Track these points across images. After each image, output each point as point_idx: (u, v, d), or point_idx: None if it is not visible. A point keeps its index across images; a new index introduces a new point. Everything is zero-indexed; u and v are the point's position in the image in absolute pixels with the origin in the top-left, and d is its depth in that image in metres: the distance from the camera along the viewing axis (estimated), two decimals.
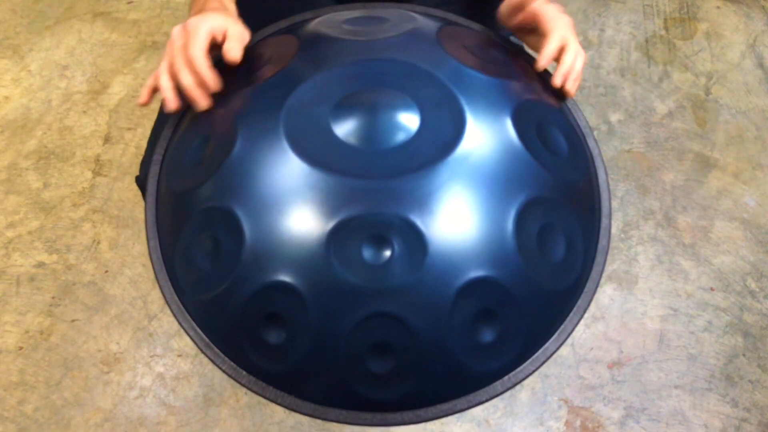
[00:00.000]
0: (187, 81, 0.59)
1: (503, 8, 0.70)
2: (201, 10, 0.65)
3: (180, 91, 0.60)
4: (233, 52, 0.60)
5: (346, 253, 0.50)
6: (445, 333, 0.51)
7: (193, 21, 0.60)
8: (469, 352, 0.53)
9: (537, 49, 0.68)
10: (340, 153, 0.53)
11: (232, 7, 0.69)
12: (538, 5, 0.65)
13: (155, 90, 0.62)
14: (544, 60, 0.63)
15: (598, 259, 0.61)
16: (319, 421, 1.11)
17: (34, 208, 1.38)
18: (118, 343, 1.20)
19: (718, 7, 1.73)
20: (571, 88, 0.64)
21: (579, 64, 0.64)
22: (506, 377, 0.57)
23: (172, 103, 0.60)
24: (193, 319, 0.58)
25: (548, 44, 0.63)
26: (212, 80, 0.59)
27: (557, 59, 0.64)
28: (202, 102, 0.59)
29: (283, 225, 0.51)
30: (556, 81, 0.63)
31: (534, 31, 0.67)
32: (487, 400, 0.57)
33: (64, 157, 1.45)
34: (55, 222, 1.35)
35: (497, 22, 0.90)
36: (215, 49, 0.62)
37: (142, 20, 1.71)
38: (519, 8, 0.67)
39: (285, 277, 0.51)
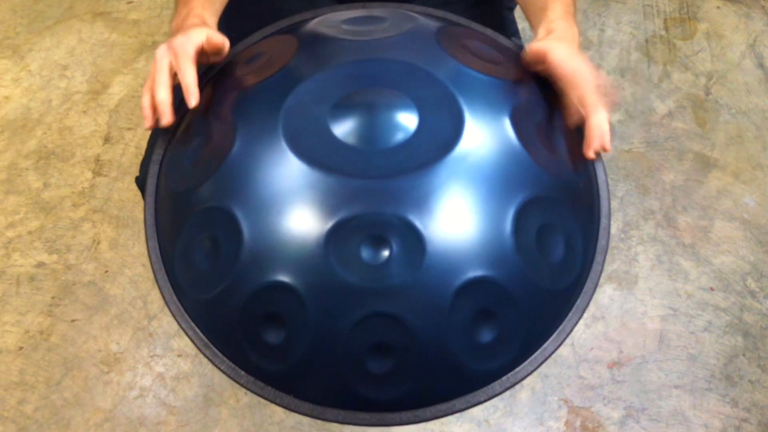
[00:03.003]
0: (162, 96, 0.59)
1: (527, 53, 0.64)
2: (180, 26, 0.65)
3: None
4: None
5: (345, 253, 0.50)
6: (444, 333, 0.51)
7: (177, 41, 0.60)
8: (468, 352, 0.53)
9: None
10: (338, 153, 0.53)
11: (213, 24, 0.68)
12: (557, 57, 0.59)
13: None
14: (595, 143, 0.57)
15: (598, 258, 0.61)
16: (318, 421, 1.11)
17: (34, 208, 1.38)
18: (118, 343, 1.20)
19: (718, 7, 1.72)
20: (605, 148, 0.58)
21: (606, 125, 0.57)
22: (505, 377, 0.57)
23: (149, 121, 0.60)
24: (192, 319, 0.58)
25: (596, 126, 0.57)
26: (195, 96, 0.58)
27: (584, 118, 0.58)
28: (165, 119, 0.59)
29: (281, 225, 0.51)
30: (591, 154, 0.58)
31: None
32: (486, 400, 0.56)
33: (64, 157, 1.45)
34: (55, 222, 1.35)
35: (498, 23, 0.90)
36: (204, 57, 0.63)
37: (142, 20, 1.71)
38: (539, 59, 0.61)
39: (284, 277, 0.51)
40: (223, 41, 0.63)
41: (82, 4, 1.75)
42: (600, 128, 0.57)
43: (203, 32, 0.61)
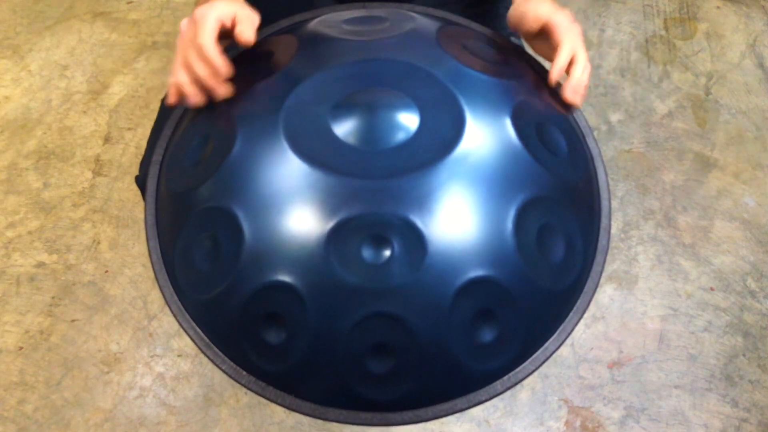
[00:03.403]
0: (202, 72, 0.58)
1: (513, 12, 0.68)
2: None
3: (199, 83, 0.59)
4: (246, 34, 0.59)
5: (346, 253, 0.50)
6: (445, 333, 0.51)
7: (199, 11, 0.59)
8: (469, 351, 0.53)
9: (543, 55, 0.67)
10: (339, 153, 0.53)
11: None
12: (550, 13, 0.63)
13: (179, 88, 0.61)
14: (555, 74, 0.62)
15: (598, 258, 0.61)
16: (319, 421, 1.11)
17: (34, 208, 1.38)
18: (118, 343, 1.20)
19: (718, 7, 1.73)
20: (578, 101, 0.64)
21: (586, 77, 0.63)
22: (506, 377, 0.57)
23: (196, 97, 0.59)
24: (193, 319, 0.58)
25: (559, 57, 0.62)
26: (224, 67, 0.58)
27: (567, 71, 0.64)
28: (221, 90, 0.58)
29: (282, 225, 0.51)
30: (568, 95, 0.63)
31: (542, 37, 0.66)
32: (486, 400, 0.57)
33: (64, 157, 1.45)
34: (55, 222, 1.35)
35: (498, 23, 0.90)
36: (226, 37, 0.61)
37: (142, 20, 1.71)
38: (530, 14, 0.65)
39: (284, 277, 0.51)
40: (251, 14, 0.61)
41: (82, 4, 1.75)
42: (577, 78, 0.62)
43: (228, 6, 0.59)
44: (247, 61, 0.64)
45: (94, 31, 1.69)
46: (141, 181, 0.78)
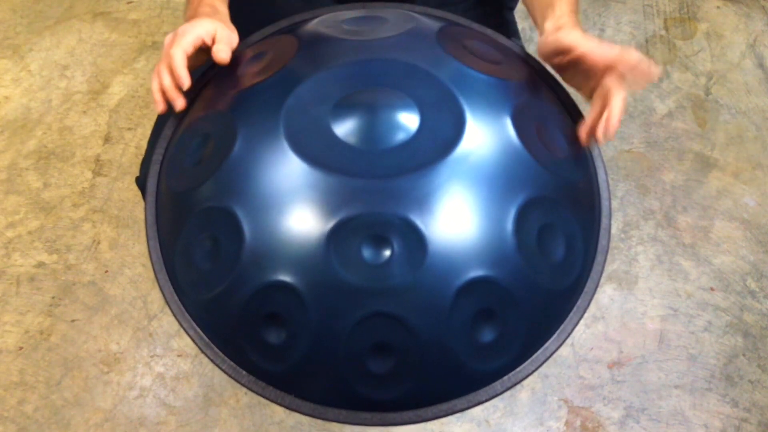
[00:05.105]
0: (166, 82, 0.61)
1: (544, 41, 0.65)
2: (193, 15, 0.67)
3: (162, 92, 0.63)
4: (221, 53, 0.62)
5: (346, 252, 0.50)
6: (445, 333, 0.51)
7: (183, 26, 0.63)
8: (469, 351, 0.53)
9: (575, 86, 0.65)
10: (339, 153, 0.53)
11: (224, 10, 0.71)
12: (590, 46, 0.59)
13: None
14: (603, 128, 0.57)
15: (598, 258, 0.61)
16: (319, 421, 1.11)
17: (34, 208, 1.38)
18: (118, 343, 1.20)
19: (718, 7, 1.73)
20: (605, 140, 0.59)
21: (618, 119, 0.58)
22: (506, 377, 0.57)
23: (159, 105, 0.62)
24: (193, 319, 0.58)
25: (612, 112, 0.57)
26: (185, 80, 0.60)
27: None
28: (178, 102, 0.62)
29: (282, 225, 0.51)
30: (600, 135, 0.58)
31: (575, 67, 0.62)
32: (486, 400, 0.57)
33: (64, 157, 1.45)
34: (55, 222, 1.35)
35: (497, 22, 0.90)
36: (206, 53, 0.64)
37: (142, 20, 1.71)
38: (562, 50, 0.62)
39: (285, 277, 0.51)
40: (230, 35, 0.65)
41: (82, 4, 1.75)
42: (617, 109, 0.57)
43: (211, 24, 0.63)
44: (247, 62, 0.64)
45: (94, 31, 1.69)
46: (141, 182, 0.78)
